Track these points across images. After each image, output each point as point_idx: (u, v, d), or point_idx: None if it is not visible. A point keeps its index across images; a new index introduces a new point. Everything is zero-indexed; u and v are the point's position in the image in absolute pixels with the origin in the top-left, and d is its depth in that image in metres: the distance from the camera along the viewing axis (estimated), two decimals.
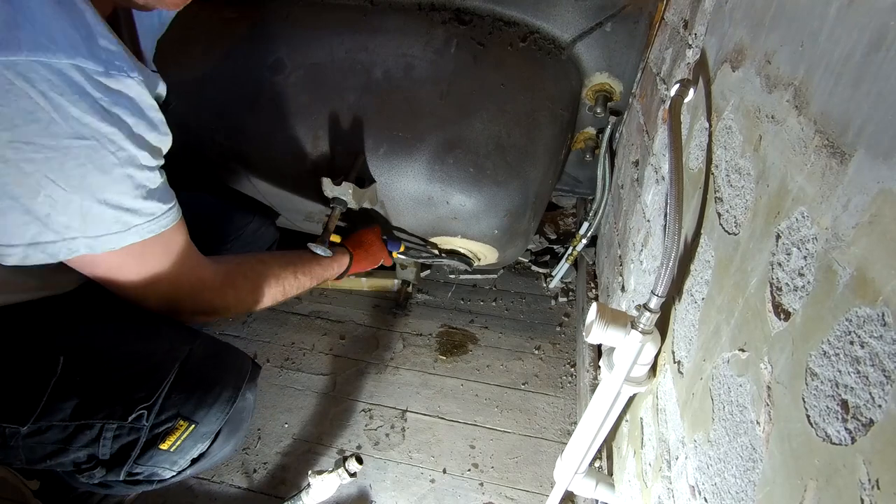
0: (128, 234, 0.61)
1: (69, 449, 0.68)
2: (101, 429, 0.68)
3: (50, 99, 0.51)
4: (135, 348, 0.73)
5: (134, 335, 0.75)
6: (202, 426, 0.74)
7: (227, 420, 0.77)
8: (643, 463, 0.76)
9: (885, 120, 0.34)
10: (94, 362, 0.70)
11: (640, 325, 0.63)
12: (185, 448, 0.74)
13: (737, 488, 0.46)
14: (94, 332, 0.73)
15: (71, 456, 0.69)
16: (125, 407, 0.69)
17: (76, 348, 0.69)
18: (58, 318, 0.72)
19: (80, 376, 0.68)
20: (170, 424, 0.71)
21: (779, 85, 0.50)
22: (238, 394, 0.78)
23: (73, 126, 0.53)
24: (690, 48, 0.84)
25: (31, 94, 0.50)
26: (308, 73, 1.10)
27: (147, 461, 0.72)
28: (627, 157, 1.23)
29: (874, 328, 0.32)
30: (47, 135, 0.52)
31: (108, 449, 0.69)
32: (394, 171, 1.05)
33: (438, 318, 1.54)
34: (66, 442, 0.67)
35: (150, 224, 0.63)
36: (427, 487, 1.13)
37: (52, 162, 0.53)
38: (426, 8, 1.17)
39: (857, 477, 0.31)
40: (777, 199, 0.47)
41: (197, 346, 0.77)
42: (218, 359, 0.80)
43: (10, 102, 0.49)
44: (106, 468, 0.70)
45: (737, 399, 0.48)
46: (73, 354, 0.68)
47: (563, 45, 1.16)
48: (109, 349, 0.72)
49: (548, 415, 1.28)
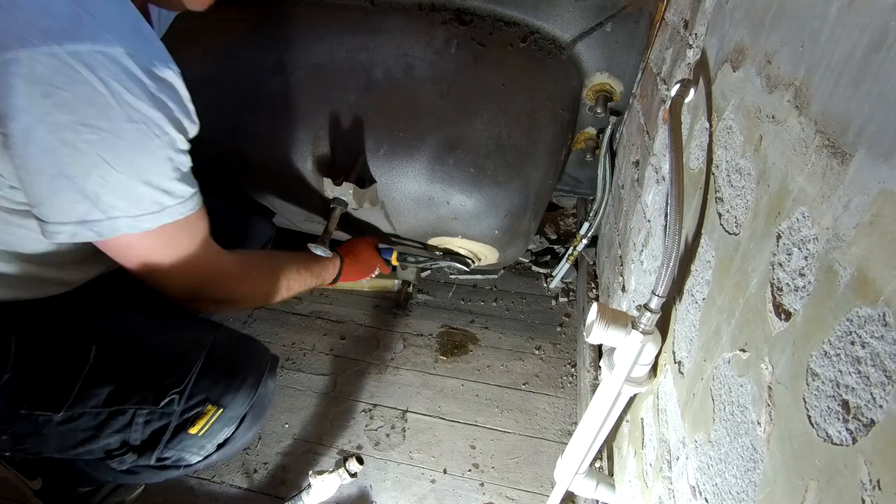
0: (163, 215, 0.65)
1: (100, 435, 0.71)
2: (133, 414, 0.71)
3: (108, 84, 0.54)
4: (162, 337, 0.77)
5: (160, 325, 0.78)
6: (229, 410, 0.77)
7: (252, 405, 0.80)
8: (644, 463, 0.76)
9: (885, 120, 0.34)
10: (125, 350, 0.73)
11: (640, 326, 0.63)
12: (213, 432, 0.77)
13: (738, 489, 0.46)
14: (122, 322, 0.77)
15: (102, 442, 0.71)
16: (157, 392, 0.72)
17: (107, 337, 0.73)
18: (86, 309, 0.75)
19: (113, 364, 0.71)
20: (199, 409, 0.74)
21: (779, 85, 0.50)
22: (261, 380, 0.81)
23: (126, 110, 0.56)
24: (691, 48, 0.84)
25: (91, 81, 0.53)
26: (308, 74, 1.10)
27: (176, 445, 0.75)
28: (628, 157, 1.23)
29: (875, 328, 0.32)
30: (104, 118, 0.55)
31: (139, 434, 0.72)
32: (394, 172, 1.05)
33: (439, 319, 1.54)
34: (98, 428, 0.70)
35: (181, 206, 0.66)
36: (427, 488, 1.13)
37: (106, 143, 0.57)
38: (426, 8, 1.17)
39: (859, 477, 0.31)
40: (778, 200, 0.47)
41: (220, 335, 0.81)
42: (241, 347, 0.84)
43: (73, 88, 0.53)
44: (137, 453, 0.73)
45: (738, 399, 0.48)
46: (105, 343, 0.72)
47: (563, 45, 1.16)
48: (138, 338, 0.75)
49: (548, 415, 1.28)
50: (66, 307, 0.74)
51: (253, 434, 0.86)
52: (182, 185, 0.66)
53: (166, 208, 0.65)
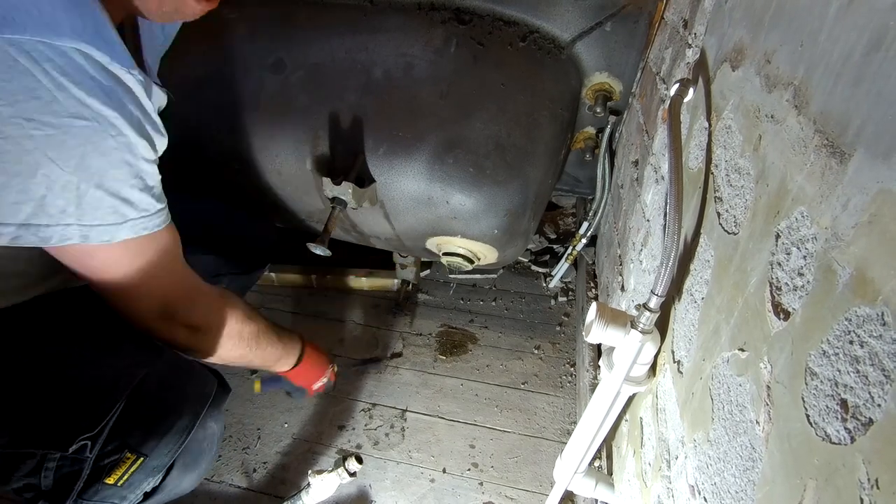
0: (123, 228, 0.60)
1: (11, 478, 0.64)
2: (43, 458, 0.64)
3: (52, 78, 0.50)
4: (86, 370, 0.69)
5: (90, 354, 0.70)
6: (152, 459, 0.69)
7: (182, 452, 0.72)
8: (643, 462, 0.76)
9: (884, 119, 0.34)
10: (40, 385, 0.66)
11: (639, 325, 0.63)
12: (135, 483, 0.69)
13: (736, 488, 0.46)
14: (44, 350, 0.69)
15: (13, 485, 0.65)
16: (66, 436, 0.64)
17: (23, 367, 0.66)
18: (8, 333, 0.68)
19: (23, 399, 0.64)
20: (116, 457, 0.67)
21: (778, 84, 0.50)
22: (195, 422, 0.73)
23: (74, 106, 0.52)
24: (690, 48, 0.84)
25: (34, 72, 0.50)
26: (308, 73, 1.10)
27: (93, 495, 0.68)
28: (627, 156, 1.23)
29: (874, 328, 0.32)
30: (49, 112, 0.51)
31: (50, 480, 0.65)
32: (394, 171, 1.05)
33: (438, 318, 1.54)
34: (5, 470, 0.64)
35: (146, 220, 0.62)
36: (427, 487, 1.13)
37: (52, 140, 0.52)
38: (426, 8, 1.17)
39: (857, 476, 0.31)
40: (777, 199, 0.47)
41: (156, 367, 0.72)
42: (176, 382, 0.75)
43: (12, 78, 0.49)
44: (49, 501, 0.66)
45: (736, 399, 0.48)
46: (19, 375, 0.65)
47: (562, 44, 1.16)
48: (59, 369, 0.68)
49: (547, 414, 1.28)
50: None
51: (191, 482, 0.78)
52: (146, 197, 0.61)
53: (128, 220, 0.60)
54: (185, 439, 0.72)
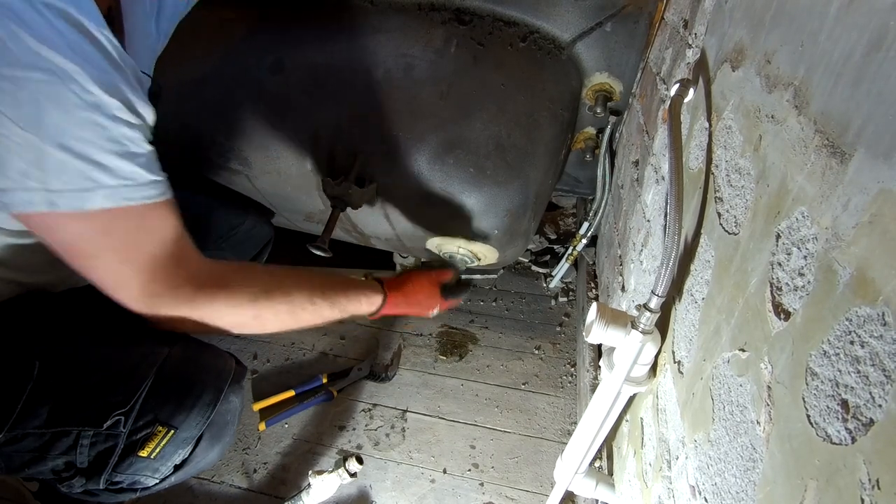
0: (94, 194, 0.55)
1: (46, 457, 0.66)
2: (78, 436, 0.66)
3: (3, 25, 0.47)
4: (112, 351, 0.71)
5: (112, 339, 0.72)
6: (182, 431, 0.71)
7: (209, 424, 0.74)
8: (643, 463, 0.76)
9: (885, 119, 0.34)
10: (70, 367, 0.68)
11: (640, 325, 0.63)
12: (166, 454, 0.72)
13: (737, 488, 0.46)
14: (70, 336, 0.71)
15: (49, 464, 0.67)
16: (101, 413, 0.66)
17: (52, 353, 0.67)
18: (35, 322, 0.70)
19: (56, 382, 0.66)
20: (148, 430, 0.69)
21: (779, 85, 0.50)
22: (220, 396, 0.75)
23: (28, 56, 0.48)
24: (690, 48, 0.84)
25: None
26: (308, 74, 1.10)
27: (127, 469, 0.70)
28: (627, 157, 1.23)
29: (874, 328, 0.32)
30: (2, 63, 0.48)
31: (85, 456, 0.67)
32: (394, 171, 1.05)
33: (438, 318, 1.54)
34: (42, 450, 0.66)
35: (127, 189, 0.56)
36: (427, 487, 1.13)
37: (4, 94, 0.48)
38: (426, 8, 1.17)
39: (858, 477, 0.31)
40: (777, 199, 0.47)
41: (175, 348, 0.74)
42: (198, 361, 0.76)
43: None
44: (85, 476, 0.68)
45: (737, 399, 0.48)
46: (49, 359, 0.66)
47: (563, 44, 1.16)
48: (86, 353, 0.70)
49: (548, 415, 1.28)
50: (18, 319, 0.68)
51: (217, 454, 0.79)
52: (128, 165, 0.56)
53: (103, 187, 0.54)
54: (211, 412, 0.74)
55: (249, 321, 0.72)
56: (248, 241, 1.17)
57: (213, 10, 1.19)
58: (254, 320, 0.73)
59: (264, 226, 1.23)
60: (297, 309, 0.76)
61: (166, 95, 0.72)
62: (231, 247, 1.13)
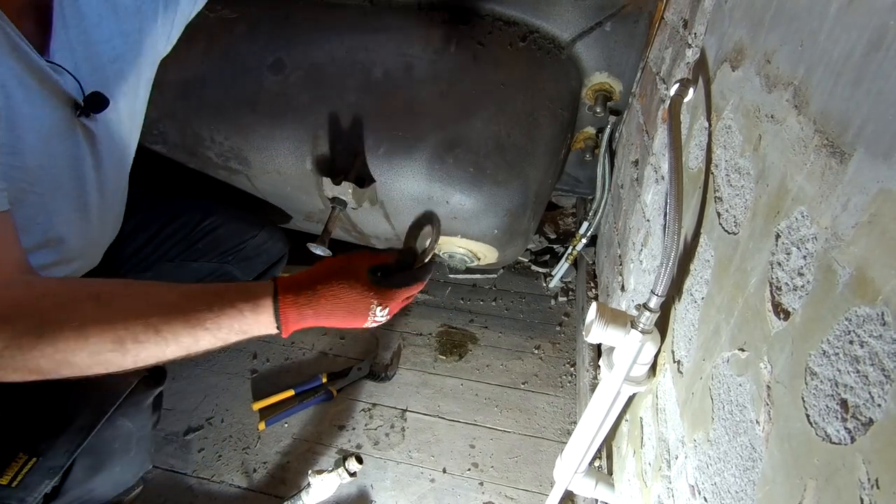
0: None
1: None
2: None
3: None
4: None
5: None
6: (46, 460, 0.64)
7: (84, 452, 0.66)
8: (643, 462, 0.76)
9: (884, 119, 0.34)
10: None
11: (639, 325, 0.63)
12: (31, 484, 0.64)
13: (736, 488, 0.46)
14: None
15: None
16: None
17: None
18: None
19: None
20: (7, 456, 0.63)
21: (778, 84, 0.50)
22: (97, 421, 0.66)
23: None
24: (690, 48, 0.84)
25: None
26: (308, 73, 1.10)
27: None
28: (627, 156, 1.23)
29: (874, 327, 0.32)
30: None
31: None
32: (394, 171, 1.05)
33: (438, 318, 1.54)
34: None
35: None
36: (427, 487, 1.13)
37: None
38: (426, 7, 1.17)
39: (857, 476, 0.31)
40: (777, 199, 0.47)
41: None
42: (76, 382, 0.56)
43: None
44: None
45: (736, 399, 0.48)
46: None
47: (562, 44, 1.16)
48: None
49: (547, 414, 1.28)
50: None
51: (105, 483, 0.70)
52: None
53: None
54: (83, 439, 0.65)
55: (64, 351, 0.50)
56: (257, 256, 1.14)
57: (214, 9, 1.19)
58: (60, 359, 0.51)
59: (277, 242, 1.18)
60: (128, 340, 0.52)
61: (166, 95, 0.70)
62: (238, 262, 1.10)
